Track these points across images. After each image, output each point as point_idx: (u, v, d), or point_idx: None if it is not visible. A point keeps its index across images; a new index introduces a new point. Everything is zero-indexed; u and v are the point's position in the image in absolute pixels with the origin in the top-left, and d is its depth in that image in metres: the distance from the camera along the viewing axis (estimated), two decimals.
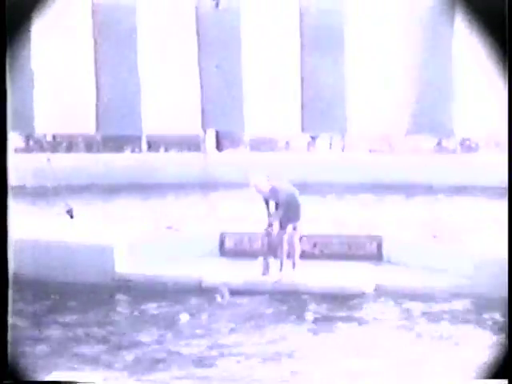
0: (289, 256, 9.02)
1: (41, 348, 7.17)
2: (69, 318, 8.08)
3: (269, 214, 9.03)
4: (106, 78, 15.75)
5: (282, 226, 8.92)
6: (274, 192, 8.89)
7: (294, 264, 9.04)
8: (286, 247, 8.94)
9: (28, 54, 15.12)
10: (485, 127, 14.76)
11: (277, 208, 8.95)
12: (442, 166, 15.39)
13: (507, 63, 4.68)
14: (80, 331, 7.67)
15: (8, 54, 4.81)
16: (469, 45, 13.83)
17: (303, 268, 9.04)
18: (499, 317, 7.63)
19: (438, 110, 15.24)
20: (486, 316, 7.85)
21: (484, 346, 6.98)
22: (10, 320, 4.80)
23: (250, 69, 15.76)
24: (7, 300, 4.86)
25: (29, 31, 13.97)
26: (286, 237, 8.91)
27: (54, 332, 7.66)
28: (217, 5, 15.19)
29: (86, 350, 7.18)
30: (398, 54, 15.35)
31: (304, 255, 9.19)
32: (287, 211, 8.86)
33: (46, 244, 9.62)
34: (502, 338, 7.04)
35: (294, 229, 8.99)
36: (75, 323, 7.93)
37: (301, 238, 9.13)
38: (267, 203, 9.01)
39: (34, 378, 5.60)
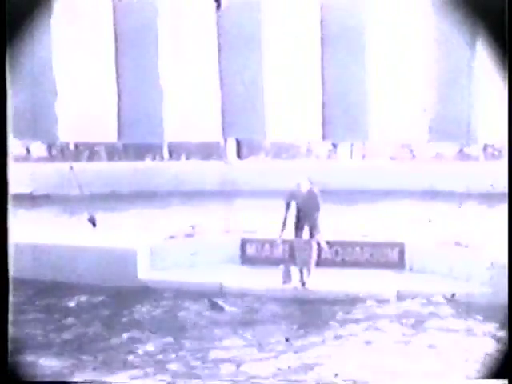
0: (306, 263, 8.97)
1: None
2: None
3: (286, 217, 8.93)
4: (127, 87, 15.84)
5: (298, 230, 8.88)
6: (298, 187, 8.84)
7: (309, 272, 8.98)
8: (303, 254, 8.90)
9: (50, 62, 15.26)
10: (507, 134, 14.64)
11: (298, 211, 8.88)
12: (464, 172, 15.31)
13: (507, 63, 4.67)
14: None
15: (10, 52, 4.86)
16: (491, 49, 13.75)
17: (325, 275, 9.01)
18: None
19: (460, 116, 15.15)
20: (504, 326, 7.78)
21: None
22: (11, 318, 4.84)
23: (271, 76, 15.77)
24: (7, 301, 4.91)
25: (46, 39, 14.11)
26: (313, 244, 8.86)
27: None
28: (218, 6, 15.24)
29: None
30: (420, 61, 15.29)
31: (326, 263, 9.17)
32: (305, 214, 8.81)
33: (69, 250, 9.68)
34: (502, 338, 6.97)
35: (312, 235, 8.93)
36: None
37: (320, 245, 9.07)
38: (288, 204, 8.92)
39: (34, 378, 5.62)
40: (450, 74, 15.13)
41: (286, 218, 8.90)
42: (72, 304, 8.69)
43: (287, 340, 7.24)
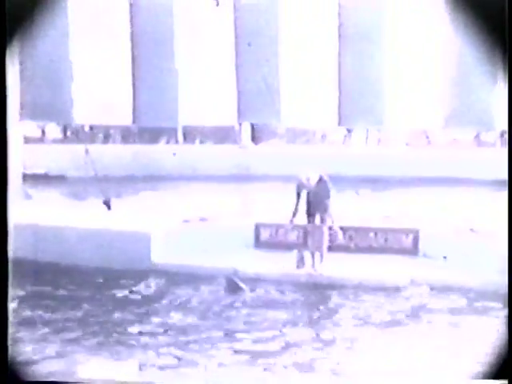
0: (318, 249, 8.97)
1: None
2: None
3: (297, 204, 8.94)
4: (142, 70, 15.82)
5: (310, 216, 8.88)
6: (307, 181, 8.84)
7: (321, 257, 8.98)
8: (315, 239, 8.90)
9: (66, 45, 15.26)
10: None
11: (308, 198, 8.89)
12: (480, 159, 15.22)
13: (507, 63, 4.62)
14: None
15: (10, 47, 4.86)
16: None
17: (338, 261, 9.01)
18: None
19: (476, 102, 15.05)
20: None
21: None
22: (11, 322, 4.86)
23: (286, 61, 15.71)
24: (7, 302, 4.93)
25: (63, 24, 14.11)
26: (324, 229, 8.86)
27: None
28: (217, 3, 15.16)
29: None
30: (437, 46, 15.17)
31: (340, 248, 9.16)
32: (316, 201, 8.80)
33: (83, 232, 9.72)
34: (502, 338, 6.91)
35: (323, 221, 8.92)
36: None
37: (333, 230, 9.05)
38: (299, 194, 8.94)
39: (34, 378, 5.66)
40: (466, 60, 15.00)
41: (296, 206, 8.90)
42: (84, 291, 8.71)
43: None
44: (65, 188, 12.81)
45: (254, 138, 16.96)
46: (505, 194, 13.15)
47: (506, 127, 16.18)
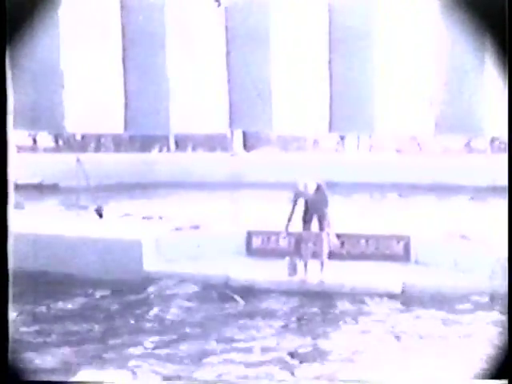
0: (316, 256, 8.99)
1: None
2: None
3: (292, 212, 8.95)
4: (134, 78, 15.84)
5: (306, 223, 8.90)
6: (305, 188, 8.85)
7: (322, 264, 9.00)
8: (310, 247, 8.92)
9: (58, 55, 15.27)
10: (508, 130, 14.57)
11: (306, 206, 8.90)
12: (471, 166, 15.28)
13: (507, 63, 4.66)
14: None
15: (10, 50, 4.87)
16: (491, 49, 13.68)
17: (330, 268, 9.02)
18: None
19: (467, 109, 15.12)
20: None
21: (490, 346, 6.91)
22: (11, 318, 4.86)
23: (278, 68, 15.75)
24: (7, 302, 4.93)
25: (54, 32, 14.14)
26: (324, 236, 8.87)
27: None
28: (218, 5, 15.20)
29: None
30: (427, 53, 15.25)
31: (331, 255, 9.17)
32: (314, 209, 8.83)
33: (75, 240, 9.72)
34: (502, 338, 6.95)
35: (322, 228, 8.95)
36: None
37: (329, 238, 9.07)
38: (295, 201, 8.94)
39: (34, 378, 5.65)
40: (457, 67, 15.08)
41: (292, 214, 8.90)
42: (76, 301, 8.69)
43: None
44: (56, 197, 12.79)
45: (246, 146, 16.99)
46: (496, 200, 13.21)
47: (496, 134, 16.31)
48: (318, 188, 8.87)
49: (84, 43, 15.75)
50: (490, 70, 14.88)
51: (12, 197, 4.97)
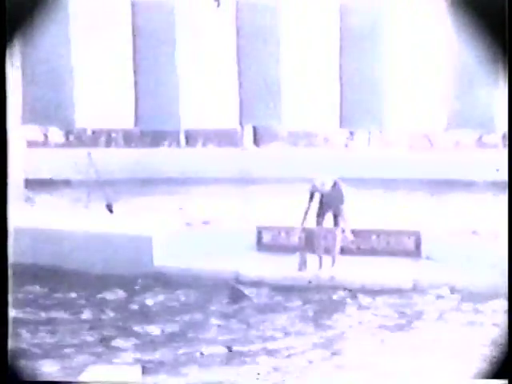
0: (328, 252, 8.98)
1: None
2: None
3: (309, 208, 8.95)
4: (144, 73, 15.84)
5: (320, 219, 8.89)
6: (322, 186, 8.85)
7: (333, 260, 8.99)
8: (323, 242, 8.91)
9: (69, 50, 15.29)
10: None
11: (321, 201, 8.90)
12: (482, 161, 15.19)
13: (507, 63, 4.62)
14: None
15: (10, 49, 4.87)
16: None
17: (341, 263, 9.01)
18: None
19: (478, 104, 15.04)
20: None
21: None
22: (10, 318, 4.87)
23: (288, 63, 15.72)
24: (7, 303, 4.94)
25: (64, 29, 14.15)
26: (337, 232, 8.86)
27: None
28: (218, 5, 15.15)
29: None
30: (439, 49, 15.18)
31: (342, 251, 9.16)
32: (329, 205, 8.82)
33: (86, 236, 9.73)
34: (502, 338, 6.90)
35: (336, 224, 8.95)
36: None
37: (344, 234, 9.06)
38: (312, 196, 8.92)
39: (34, 378, 5.66)
40: (467, 62, 15.00)
41: (308, 210, 8.91)
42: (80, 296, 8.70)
43: None
44: (67, 192, 12.81)
45: (256, 141, 16.96)
46: (505, 195, 13.16)
47: (507, 129, 16.15)
48: (335, 185, 8.89)
49: (94, 39, 15.76)
50: (502, 65, 14.78)
51: (22, 192, 4.98)
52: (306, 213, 8.90)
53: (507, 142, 4.82)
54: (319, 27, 15.64)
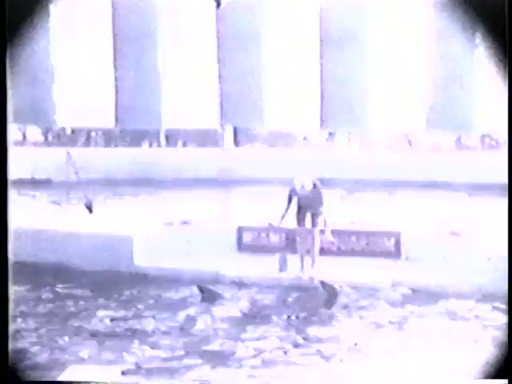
0: (309, 252, 9.00)
1: None
2: None
3: (287, 209, 8.97)
4: (125, 73, 15.78)
5: (300, 220, 8.91)
6: (302, 188, 8.86)
7: (313, 260, 9.01)
8: (304, 243, 8.93)
9: (48, 49, 15.19)
10: (505, 124, 14.59)
11: (299, 203, 8.92)
12: (461, 163, 15.31)
13: (507, 63, 4.66)
14: None
15: (10, 49, 4.85)
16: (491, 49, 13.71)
17: (321, 264, 9.03)
18: None
19: (457, 106, 15.15)
20: (498, 315, 7.78)
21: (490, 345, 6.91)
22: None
23: (269, 64, 15.73)
24: (7, 303, 4.91)
25: (37, 27, 14.05)
26: (316, 233, 8.88)
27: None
28: (218, 5, 15.14)
29: None
30: (418, 50, 15.26)
31: (322, 251, 9.18)
32: (308, 206, 8.85)
33: (65, 235, 9.68)
34: (502, 338, 6.96)
35: (314, 225, 8.96)
36: None
37: (323, 235, 9.09)
38: (290, 199, 8.94)
39: (33, 378, 5.64)
40: (447, 64, 15.10)
41: (286, 212, 8.91)
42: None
43: None
44: (46, 191, 12.74)
45: (237, 141, 16.97)
46: (486, 197, 13.26)
47: (486, 131, 16.34)
48: (314, 186, 8.90)
49: (75, 37, 15.67)
50: (481, 68, 14.91)
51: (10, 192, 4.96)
52: (283, 216, 8.91)
53: (507, 143, 4.85)
54: (300, 28, 15.68)
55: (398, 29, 15.29)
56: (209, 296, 8.43)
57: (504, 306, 7.42)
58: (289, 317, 7.95)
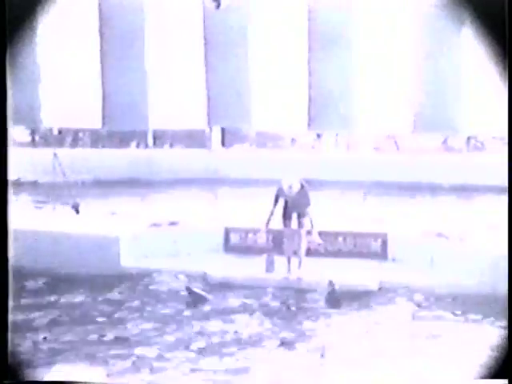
0: (295, 253, 9.00)
1: None
2: None
3: (273, 211, 8.95)
4: (112, 73, 15.76)
5: (287, 221, 8.92)
6: (289, 189, 8.85)
7: (300, 261, 9.02)
8: (291, 244, 8.94)
9: (34, 49, 15.14)
10: (491, 125, 14.73)
11: (286, 204, 8.92)
12: (447, 164, 15.38)
13: (507, 63, 4.68)
14: None
15: (10, 49, 4.84)
16: (476, 42, 13.80)
17: (308, 265, 9.04)
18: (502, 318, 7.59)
19: (444, 108, 15.22)
20: (488, 317, 7.81)
21: (484, 346, 6.94)
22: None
23: (256, 65, 15.75)
24: (7, 302, 4.89)
25: (33, 26, 13.98)
26: (302, 233, 8.88)
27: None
28: (218, 6, 15.14)
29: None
30: (405, 52, 15.33)
31: (309, 252, 9.19)
32: (294, 207, 8.85)
33: (52, 237, 9.64)
34: (502, 338, 6.99)
35: (300, 226, 8.96)
36: None
37: (310, 235, 9.09)
38: (277, 200, 8.93)
39: (33, 378, 5.62)
40: (434, 67, 15.17)
41: (272, 212, 8.91)
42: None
43: None
44: (32, 192, 12.68)
45: (224, 142, 16.97)
46: (472, 198, 13.30)
47: (472, 133, 16.40)
48: (302, 187, 8.91)
49: (61, 37, 15.63)
50: (468, 71, 14.99)
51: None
52: (270, 217, 8.90)
53: (507, 143, 4.87)
54: (288, 30, 15.71)
55: (386, 32, 15.36)
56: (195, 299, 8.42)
57: (492, 306, 7.48)
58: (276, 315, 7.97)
